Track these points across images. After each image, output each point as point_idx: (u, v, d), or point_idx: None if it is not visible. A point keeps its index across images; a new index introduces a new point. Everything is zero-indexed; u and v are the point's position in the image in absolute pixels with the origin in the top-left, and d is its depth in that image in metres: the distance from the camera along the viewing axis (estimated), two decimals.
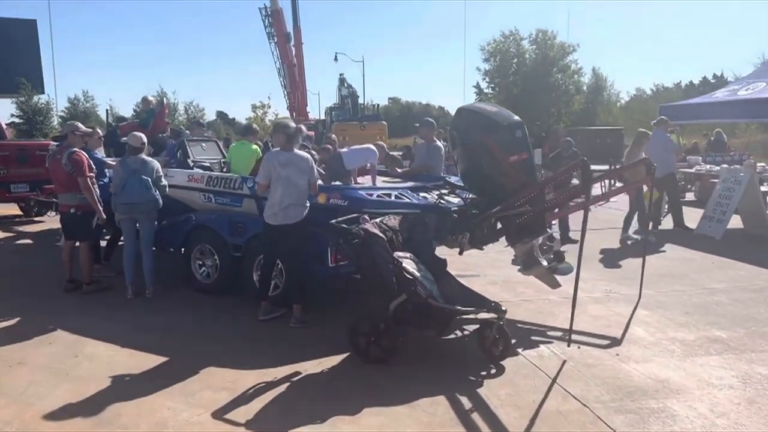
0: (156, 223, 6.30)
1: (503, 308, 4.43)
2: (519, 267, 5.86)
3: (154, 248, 6.29)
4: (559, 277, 5.56)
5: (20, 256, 8.00)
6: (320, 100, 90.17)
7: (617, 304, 6.04)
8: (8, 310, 5.70)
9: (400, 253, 4.55)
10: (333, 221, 4.71)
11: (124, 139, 6.55)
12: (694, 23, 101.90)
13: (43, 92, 41.08)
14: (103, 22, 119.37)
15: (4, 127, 11.31)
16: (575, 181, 8.53)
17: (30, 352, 4.72)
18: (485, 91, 45.89)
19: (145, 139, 6.19)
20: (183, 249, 6.41)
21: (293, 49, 36.81)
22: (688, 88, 53.93)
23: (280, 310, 5.38)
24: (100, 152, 6.97)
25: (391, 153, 18.46)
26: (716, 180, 12.56)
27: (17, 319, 5.49)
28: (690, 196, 14.16)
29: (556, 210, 5.20)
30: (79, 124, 6.39)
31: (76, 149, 6.09)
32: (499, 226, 5.58)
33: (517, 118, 5.38)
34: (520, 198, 4.94)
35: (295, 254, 5.28)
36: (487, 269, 7.31)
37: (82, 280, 6.28)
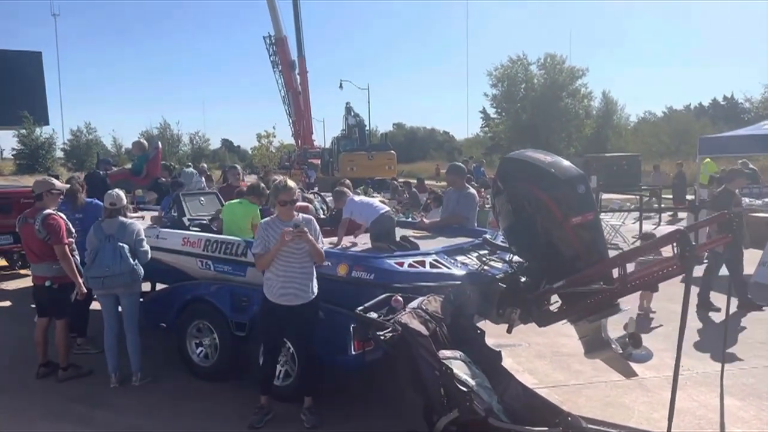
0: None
1: (584, 424, 3.43)
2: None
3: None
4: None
5: None
6: (325, 128, 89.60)
7: (697, 388, 5.03)
8: None
9: (448, 353, 3.57)
10: (359, 310, 3.74)
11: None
12: (703, 45, 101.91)
13: (47, 124, 40.90)
14: (108, 52, 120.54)
15: None
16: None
17: None
18: (492, 116, 45.23)
19: (124, 200, 5.26)
20: (177, 325, 5.42)
21: (298, 77, 36.47)
22: (698, 111, 53.26)
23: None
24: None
25: (398, 182, 17.68)
26: (759, 215, 11.60)
27: None
28: None
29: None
30: (55, 181, 5.48)
31: (51, 212, 5.17)
32: (554, 299, 4.61)
33: (578, 170, 4.43)
34: (593, 273, 3.96)
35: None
36: (530, 335, 6.26)
37: (58, 363, 5.31)
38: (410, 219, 8.51)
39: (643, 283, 3.91)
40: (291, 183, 4.41)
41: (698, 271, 8.44)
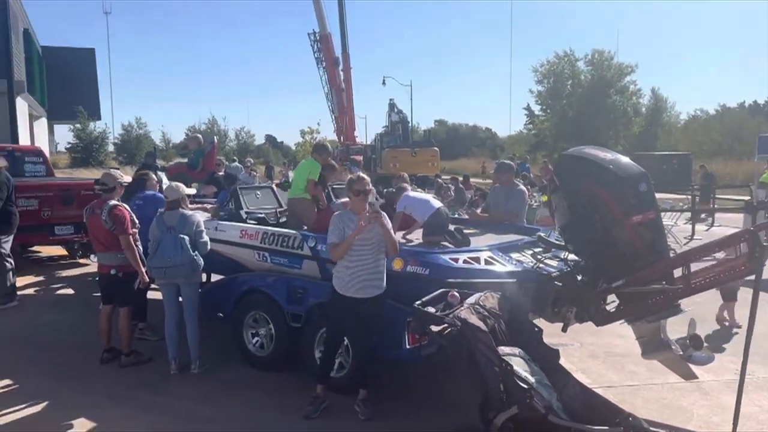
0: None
1: (644, 425, 3.39)
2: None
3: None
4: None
5: (58, 312, 7.28)
6: (367, 124, 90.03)
7: (758, 391, 4.91)
8: (34, 390, 4.96)
9: (507, 350, 3.57)
10: (417, 304, 3.77)
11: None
12: (758, 41, 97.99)
13: (99, 119, 42.19)
14: (156, 48, 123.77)
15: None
16: None
17: None
18: (537, 113, 44.58)
19: (184, 192, 5.43)
20: (234, 316, 5.55)
21: (341, 73, 36.57)
22: (752, 109, 51.38)
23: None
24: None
25: (443, 178, 17.65)
26: None
27: (40, 406, 4.69)
28: None
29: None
30: (121, 174, 5.69)
31: (117, 203, 5.38)
32: (611, 298, 4.54)
33: (639, 168, 4.35)
34: (654, 272, 3.89)
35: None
36: (582, 334, 6.17)
37: (120, 349, 5.51)
38: (456, 215, 8.49)
39: (707, 284, 3.82)
40: (364, 175, 4.55)
41: None
